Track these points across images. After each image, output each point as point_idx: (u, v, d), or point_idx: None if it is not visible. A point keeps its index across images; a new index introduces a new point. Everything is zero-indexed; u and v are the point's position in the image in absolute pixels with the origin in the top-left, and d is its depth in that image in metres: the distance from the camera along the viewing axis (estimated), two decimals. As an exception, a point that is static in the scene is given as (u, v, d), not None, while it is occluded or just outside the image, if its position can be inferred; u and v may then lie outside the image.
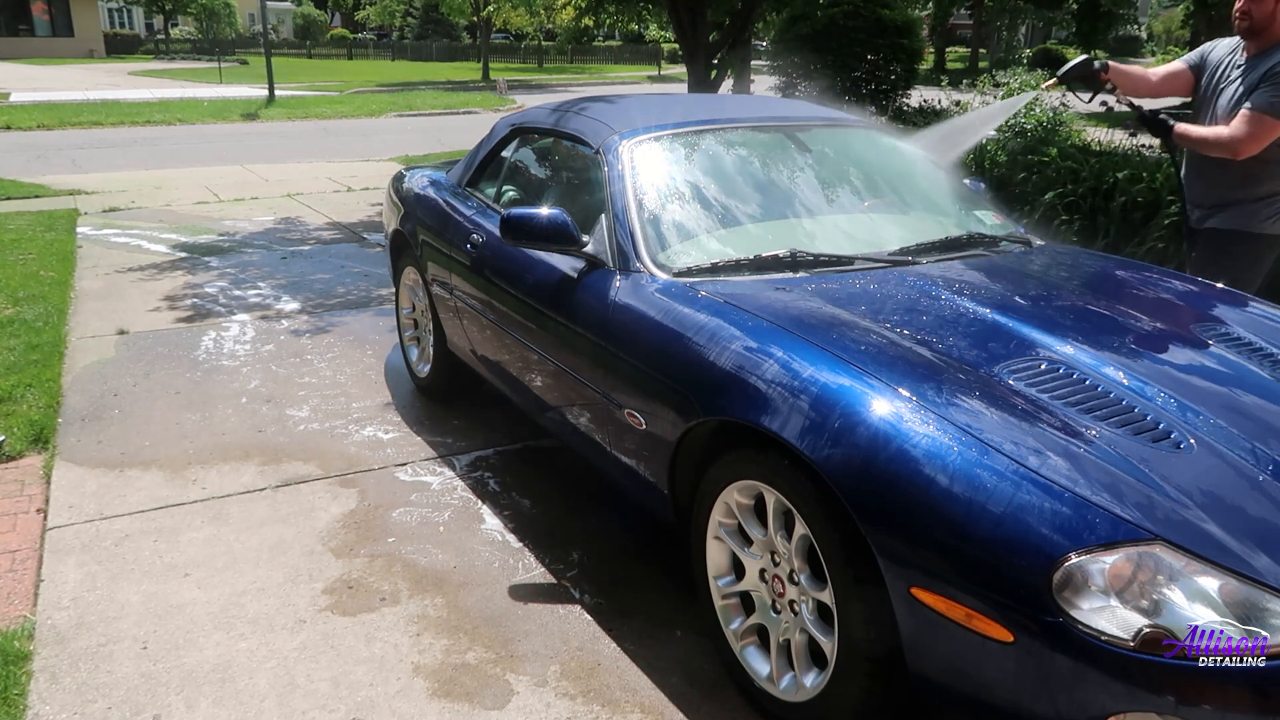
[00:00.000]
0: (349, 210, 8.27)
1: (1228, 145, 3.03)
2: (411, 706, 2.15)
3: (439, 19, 47.46)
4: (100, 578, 2.63)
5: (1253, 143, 2.99)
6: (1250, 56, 3.11)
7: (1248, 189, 3.13)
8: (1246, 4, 3.02)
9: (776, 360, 1.99)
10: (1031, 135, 6.27)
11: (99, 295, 5.45)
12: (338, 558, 2.75)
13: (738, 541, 2.15)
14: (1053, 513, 1.56)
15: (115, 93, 21.39)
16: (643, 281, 2.47)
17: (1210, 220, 3.24)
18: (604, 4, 13.14)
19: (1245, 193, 3.14)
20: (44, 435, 3.49)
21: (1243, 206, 3.15)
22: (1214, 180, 3.20)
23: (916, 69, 12.45)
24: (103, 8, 44.17)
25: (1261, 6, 2.99)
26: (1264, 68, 3.01)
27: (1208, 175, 3.23)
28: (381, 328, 4.89)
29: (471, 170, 3.77)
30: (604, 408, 2.49)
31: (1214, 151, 3.09)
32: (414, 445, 3.53)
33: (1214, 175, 3.19)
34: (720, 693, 2.20)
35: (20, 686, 2.18)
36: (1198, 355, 2.16)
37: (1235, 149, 3.02)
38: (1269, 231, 3.14)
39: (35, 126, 14.65)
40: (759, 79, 14.45)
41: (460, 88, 27.06)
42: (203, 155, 11.91)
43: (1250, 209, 3.14)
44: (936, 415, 1.76)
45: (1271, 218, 3.14)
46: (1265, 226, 3.14)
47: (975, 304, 2.28)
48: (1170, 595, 1.51)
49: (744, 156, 2.99)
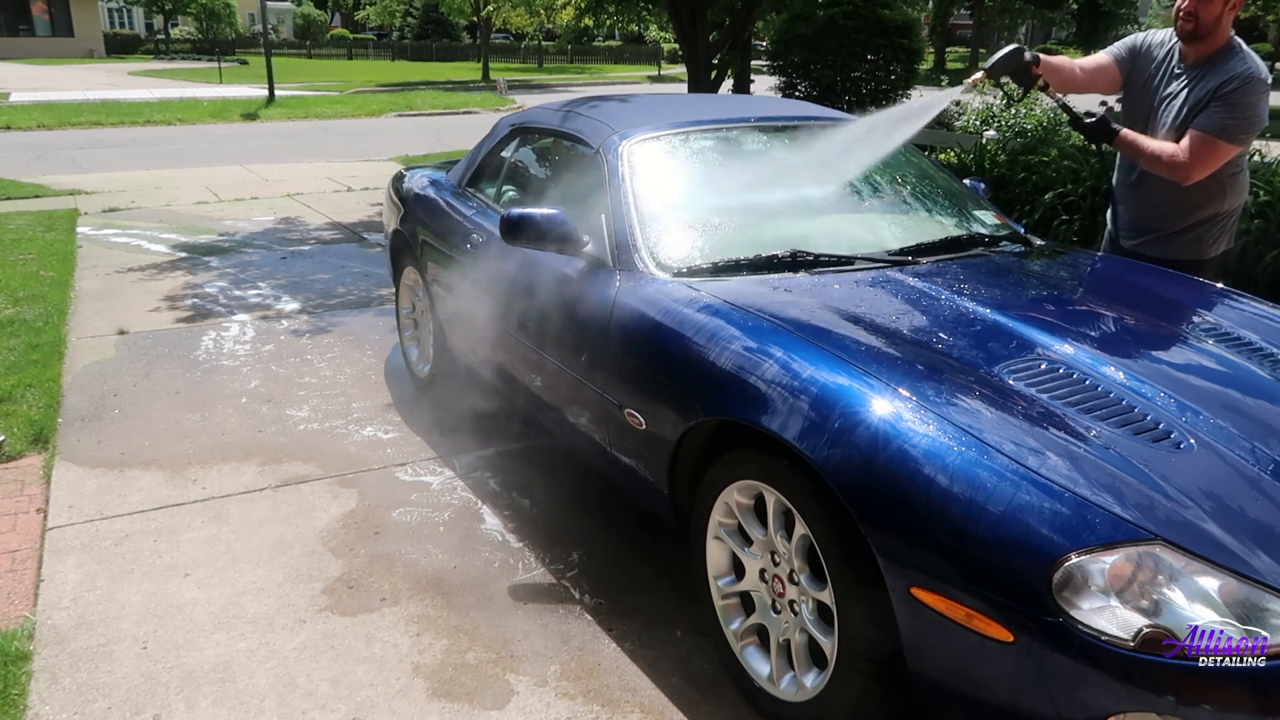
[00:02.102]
0: (349, 210, 8.27)
1: (1177, 168, 2.78)
2: (411, 706, 2.15)
3: (439, 19, 47.44)
4: (100, 578, 2.63)
5: (1202, 168, 2.76)
6: (1190, 64, 2.86)
7: (1192, 213, 2.92)
8: (1193, 4, 2.75)
9: (776, 360, 1.99)
10: (1031, 135, 6.26)
11: (99, 295, 5.45)
12: (338, 558, 2.75)
13: (738, 541, 2.15)
14: (1052, 513, 1.56)
15: (115, 93, 21.39)
16: (643, 281, 2.47)
17: (1149, 248, 3.00)
18: (604, 4, 13.14)
19: (1190, 217, 2.93)
20: (44, 435, 3.49)
21: (1187, 233, 2.95)
22: (1155, 202, 2.97)
23: (916, 69, 12.47)
24: (103, 8, 44.17)
25: (1209, 9, 2.73)
26: (1212, 84, 2.76)
27: (1148, 195, 2.99)
28: (381, 328, 4.89)
29: (471, 170, 3.77)
30: (604, 408, 2.49)
31: (1159, 171, 2.83)
32: (414, 445, 3.53)
33: (1155, 196, 2.96)
34: (720, 693, 2.20)
35: (20, 686, 2.18)
36: (1197, 355, 2.16)
37: (1185, 173, 2.77)
38: (1213, 254, 2.97)
39: (35, 126, 14.65)
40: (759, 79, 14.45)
41: (460, 88, 27.06)
42: (203, 155, 11.91)
43: (1195, 235, 2.94)
44: (936, 415, 1.76)
45: (1216, 239, 2.96)
46: (1210, 250, 2.96)
47: (975, 304, 2.28)
48: (1170, 595, 1.51)
49: (744, 156, 2.99)
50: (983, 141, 6.38)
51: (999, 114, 6.79)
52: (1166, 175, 2.83)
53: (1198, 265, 2.95)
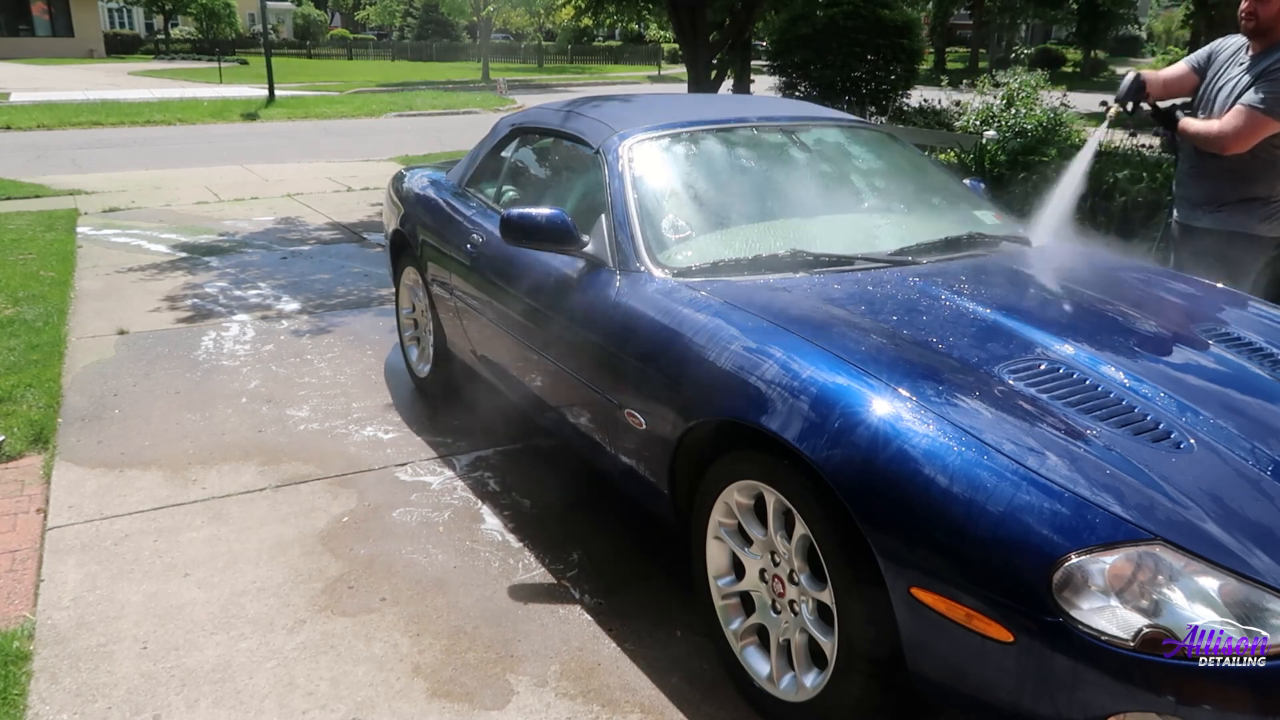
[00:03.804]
0: (349, 210, 8.27)
1: (1217, 140, 3.05)
2: (411, 706, 2.15)
3: (439, 19, 47.48)
4: (100, 578, 2.63)
5: (1241, 139, 3.00)
6: (1254, 55, 3.11)
7: (1241, 189, 3.13)
8: (1252, 4, 3.03)
9: (776, 360, 1.99)
10: (1031, 135, 6.27)
11: (99, 295, 5.45)
12: (338, 558, 2.75)
13: (738, 541, 2.15)
14: (1052, 513, 1.56)
15: (115, 93, 21.39)
16: (643, 281, 2.47)
17: (1202, 220, 3.24)
18: (604, 4, 13.15)
19: (1239, 193, 3.14)
20: (44, 435, 3.49)
21: (1237, 207, 3.15)
22: (1210, 179, 3.21)
23: (916, 69, 12.48)
24: (103, 8, 44.16)
25: (1268, 7, 3.00)
26: (1262, 66, 3.02)
27: (1203, 173, 3.23)
28: (381, 328, 4.89)
29: (471, 170, 3.77)
30: (604, 408, 2.49)
31: (1206, 146, 3.10)
32: (414, 445, 3.53)
33: (1210, 174, 3.20)
34: (720, 693, 2.20)
35: (20, 686, 2.18)
36: (1197, 355, 2.16)
37: (1223, 144, 3.03)
38: (1262, 234, 3.15)
39: (35, 126, 14.66)
40: (759, 79, 14.45)
41: (460, 88, 27.06)
42: (203, 155, 11.91)
43: (1245, 209, 3.14)
44: (936, 415, 1.75)
45: (1267, 219, 3.14)
46: (1260, 229, 3.14)
47: (975, 304, 2.28)
48: (1170, 595, 1.51)
49: (744, 156, 2.99)
50: (983, 141, 6.38)
51: (999, 114, 6.79)
52: (1212, 148, 3.08)
53: (1249, 239, 3.16)
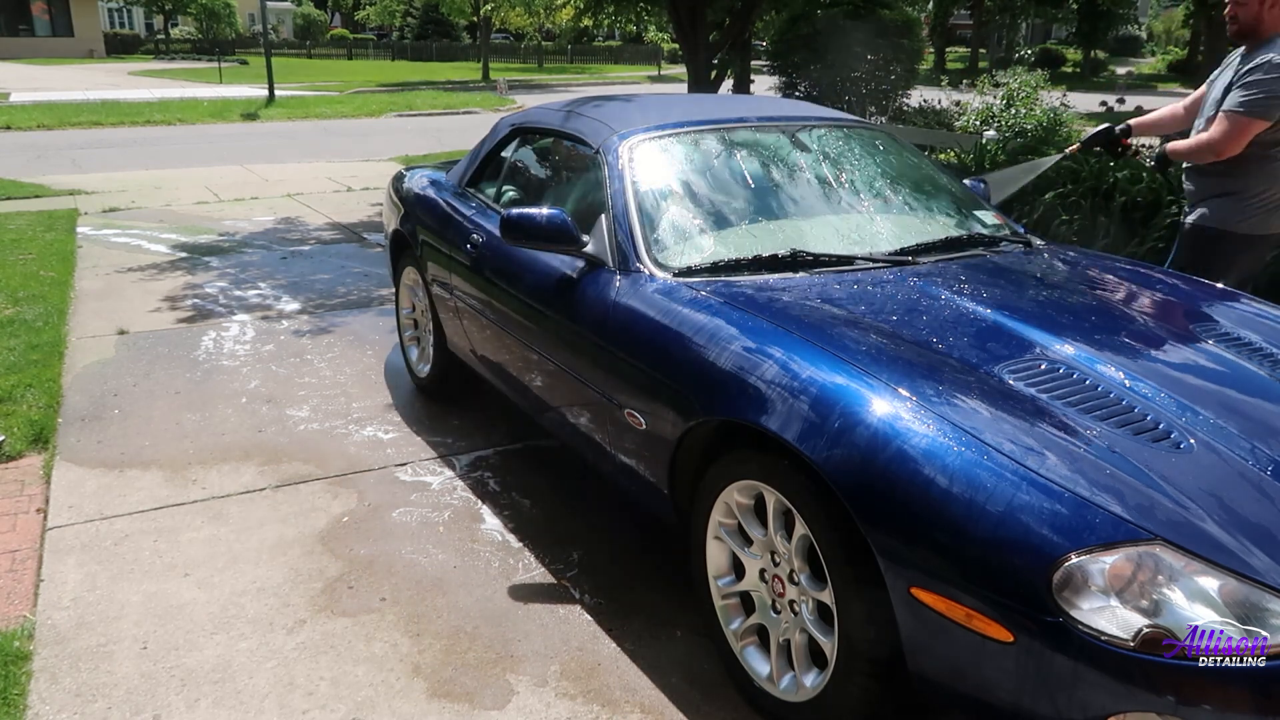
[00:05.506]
0: (349, 210, 8.27)
1: (1209, 149, 3.14)
2: (411, 706, 2.15)
3: (439, 19, 47.43)
4: (100, 578, 2.63)
5: (1230, 143, 3.09)
6: (1243, 57, 3.16)
7: (1225, 185, 3.20)
8: (1233, 7, 3.10)
9: (776, 360, 1.99)
10: (1031, 135, 6.27)
11: (99, 295, 5.45)
12: (337, 558, 2.75)
13: (738, 541, 2.15)
14: (1052, 513, 1.56)
15: (115, 93, 21.39)
16: (643, 281, 2.47)
17: (1192, 215, 3.32)
18: (604, 4, 13.14)
19: (1224, 188, 3.21)
20: (44, 435, 3.49)
21: (1222, 202, 3.21)
22: (1201, 175, 3.30)
23: (916, 69, 12.49)
24: (103, 8, 44.17)
25: (1245, 9, 3.07)
26: (1243, 69, 3.08)
27: (1198, 170, 3.32)
28: (381, 328, 4.89)
29: (471, 170, 3.77)
30: (604, 408, 2.49)
31: (1202, 159, 3.21)
32: (414, 445, 3.53)
33: (1203, 170, 3.29)
34: (720, 693, 2.20)
35: (20, 686, 2.18)
36: (1197, 355, 2.16)
37: (1216, 151, 3.12)
38: (1243, 231, 3.19)
39: (35, 126, 14.65)
40: (759, 79, 14.45)
41: (460, 88, 27.06)
42: (203, 155, 11.91)
43: (1229, 205, 3.20)
44: (936, 415, 1.76)
45: (1249, 218, 3.18)
46: (1241, 226, 3.19)
47: (975, 304, 2.28)
48: (1170, 595, 1.51)
49: (744, 156, 2.99)
50: (983, 141, 6.39)
51: (999, 114, 6.80)
52: (1209, 158, 3.16)
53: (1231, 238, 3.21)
